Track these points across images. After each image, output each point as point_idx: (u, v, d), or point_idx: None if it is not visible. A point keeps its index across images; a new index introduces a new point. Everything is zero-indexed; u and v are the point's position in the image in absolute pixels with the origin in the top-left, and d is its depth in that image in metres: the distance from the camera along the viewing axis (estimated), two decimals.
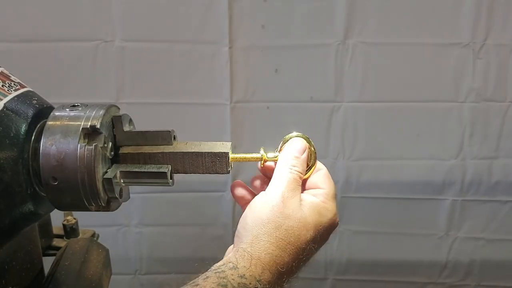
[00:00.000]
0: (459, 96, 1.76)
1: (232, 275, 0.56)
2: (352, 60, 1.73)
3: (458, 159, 1.85)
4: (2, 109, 0.62)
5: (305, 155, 0.68)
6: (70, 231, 1.04)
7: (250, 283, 0.56)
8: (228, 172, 0.67)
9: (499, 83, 1.76)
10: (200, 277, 0.57)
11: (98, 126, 0.62)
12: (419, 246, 1.96)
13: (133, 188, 0.71)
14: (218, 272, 0.57)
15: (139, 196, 1.86)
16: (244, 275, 0.56)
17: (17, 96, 0.65)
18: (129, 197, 0.70)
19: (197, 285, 0.55)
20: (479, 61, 1.73)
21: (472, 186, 1.88)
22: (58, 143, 0.62)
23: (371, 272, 2.01)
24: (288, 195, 0.63)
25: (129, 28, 1.70)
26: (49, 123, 0.63)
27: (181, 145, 0.68)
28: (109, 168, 0.65)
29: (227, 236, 1.95)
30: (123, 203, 0.68)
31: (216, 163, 0.67)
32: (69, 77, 1.74)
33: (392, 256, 1.99)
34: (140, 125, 0.71)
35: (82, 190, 0.62)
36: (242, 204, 0.71)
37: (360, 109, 1.77)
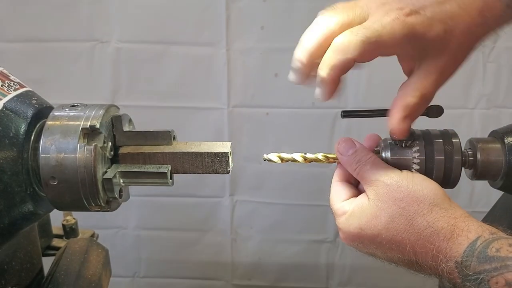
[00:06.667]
0: (469, 102, 1.69)
1: None
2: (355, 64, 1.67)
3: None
4: (2, 109, 0.62)
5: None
6: (70, 231, 1.04)
7: None
8: (228, 172, 0.67)
9: (511, 88, 1.69)
10: None
11: (97, 126, 0.62)
12: None
13: (131, 191, 0.71)
14: None
15: (138, 199, 1.84)
16: None
17: (16, 96, 0.65)
18: (129, 197, 0.70)
19: None
20: (490, 64, 1.66)
21: (482, 198, 1.79)
22: (58, 143, 0.62)
23: (374, 284, 1.96)
24: None
25: (126, 29, 1.69)
26: (49, 123, 0.63)
27: (181, 145, 0.68)
28: (108, 168, 0.65)
29: (225, 242, 1.93)
30: (121, 204, 0.68)
31: (216, 163, 0.67)
32: (64, 77, 1.72)
33: (397, 269, 1.92)
34: (135, 128, 0.71)
35: (81, 190, 0.62)
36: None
37: None
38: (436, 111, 0.65)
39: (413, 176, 0.62)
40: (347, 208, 0.65)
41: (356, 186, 0.69)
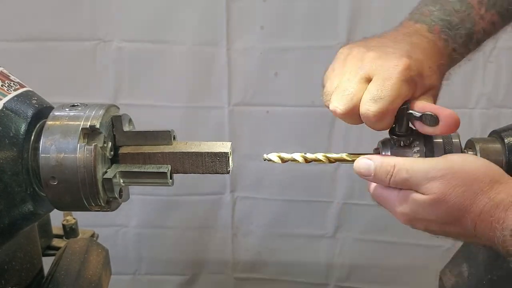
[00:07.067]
0: (469, 102, 1.69)
1: None
2: None
3: None
4: (2, 109, 0.62)
5: None
6: (70, 231, 1.04)
7: None
8: (228, 172, 0.67)
9: (511, 88, 1.68)
10: None
11: (97, 126, 0.62)
12: (425, 256, 1.88)
13: (132, 189, 0.71)
14: None
15: (139, 197, 1.85)
16: None
17: (16, 96, 0.65)
18: (129, 197, 0.70)
19: None
20: (490, 64, 1.66)
21: None
22: (58, 143, 0.62)
23: (373, 280, 1.97)
24: None
25: (128, 29, 1.70)
26: (49, 123, 0.63)
27: (181, 145, 0.68)
28: (108, 168, 0.65)
29: (227, 239, 1.94)
30: (122, 203, 0.68)
31: (216, 163, 0.67)
32: (67, 76, 1.73)
33: (396, 265, 1.93)
34: (137, 127, 0.71)
35: (81, 190, 0.62)
36: None
37: None
38: (429, 120, 0.65)
39: (462, 159, 0.63)
40: (396, 193, 0.66)
41: None
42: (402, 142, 0.67)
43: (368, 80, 0.65)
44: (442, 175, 0.61)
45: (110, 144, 0.66)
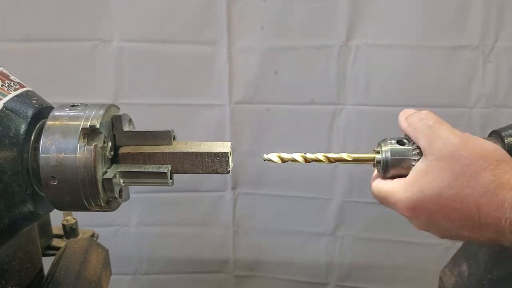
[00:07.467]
0: (468, 101, 1.68)
1: None
2: (354, 62, 1.67)
3: None
4: (2, 109, 0.62)
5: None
6: (70, 231, 1.04)
7: None
8: (228, 172, 0.67)
9: (510, 88, 1.67)
10: None
11: (97, 126, 0.62)
12: (424, 255, 1.88)
13: (132, 188, 0.71)
14: None
15: (139, 196, 1.85)
16: None
17: (16, 96, 0.65)
18: (129, 197, 0.70)
19: None
20: (489, 64, 1.65)
21: None
22: (58, 143, 0.62)
23: (373, 280, 1.97)
24: None
25: (128, 28, 1.70)
26: (49, 123, 0.63)
27: (181, 145, 0.68)
28: (108, 168, 0.65)
29: (227, 237, 1.94)
30: (123, 203, 0.68)
31: (216, 163, 0.67)
32: (67, 77, 1.73)
33: (396, 264, 1.93)
34: (138, 126, 0.71)
35: (81, 190, 0.62)
36: None
37: (364, 112, 1.70)
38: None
39: (475, 137, 0.63)
40: (402, 182, 0.66)
41: None
42: (403, 143, 0.67)
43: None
44: (456, 143, 0.62)
45: (110, 144, 0.66)
